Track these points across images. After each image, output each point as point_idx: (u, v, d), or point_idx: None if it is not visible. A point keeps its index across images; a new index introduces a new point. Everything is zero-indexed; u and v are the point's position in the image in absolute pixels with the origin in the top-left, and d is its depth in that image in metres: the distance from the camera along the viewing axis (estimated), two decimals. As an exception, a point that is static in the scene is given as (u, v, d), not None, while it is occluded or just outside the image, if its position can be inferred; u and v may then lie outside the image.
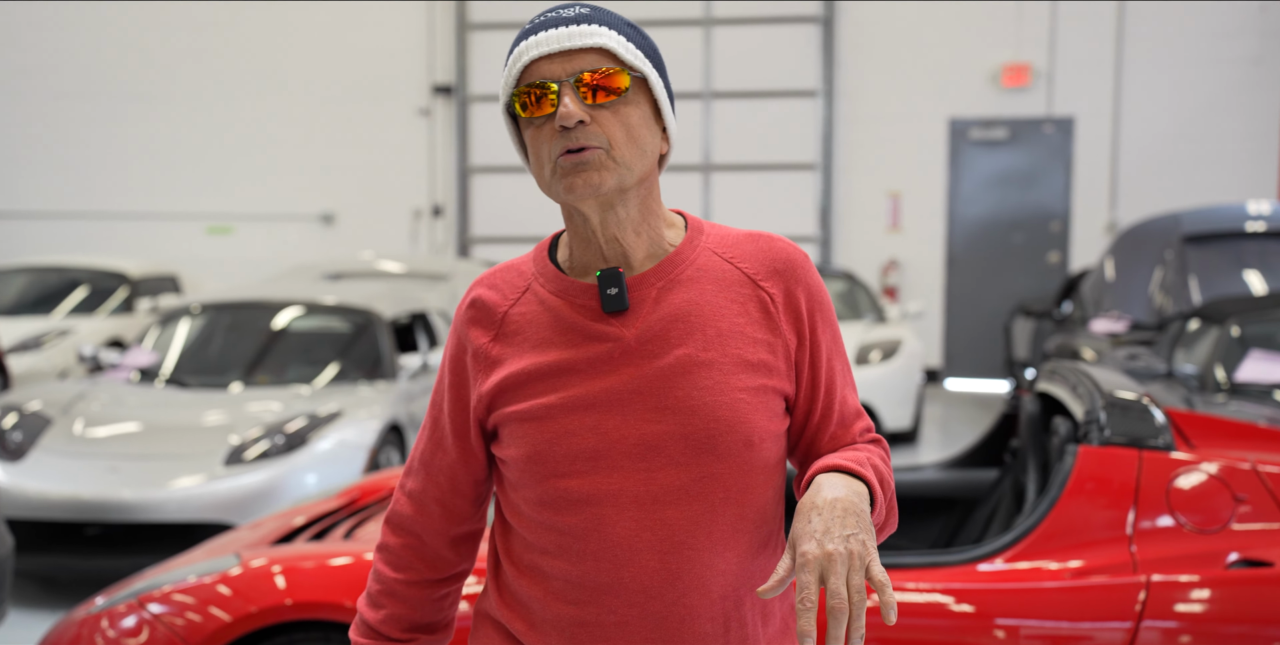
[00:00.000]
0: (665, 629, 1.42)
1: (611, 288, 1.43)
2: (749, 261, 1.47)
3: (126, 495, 4.64)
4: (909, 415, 7.56)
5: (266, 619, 2.82)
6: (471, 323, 1.50)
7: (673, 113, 1.46)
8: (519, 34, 1.43)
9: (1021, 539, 2.76)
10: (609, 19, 1.42)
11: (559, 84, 1.38)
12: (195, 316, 6.23)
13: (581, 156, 1.38)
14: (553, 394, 1.43)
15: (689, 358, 1.41)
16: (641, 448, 1.41)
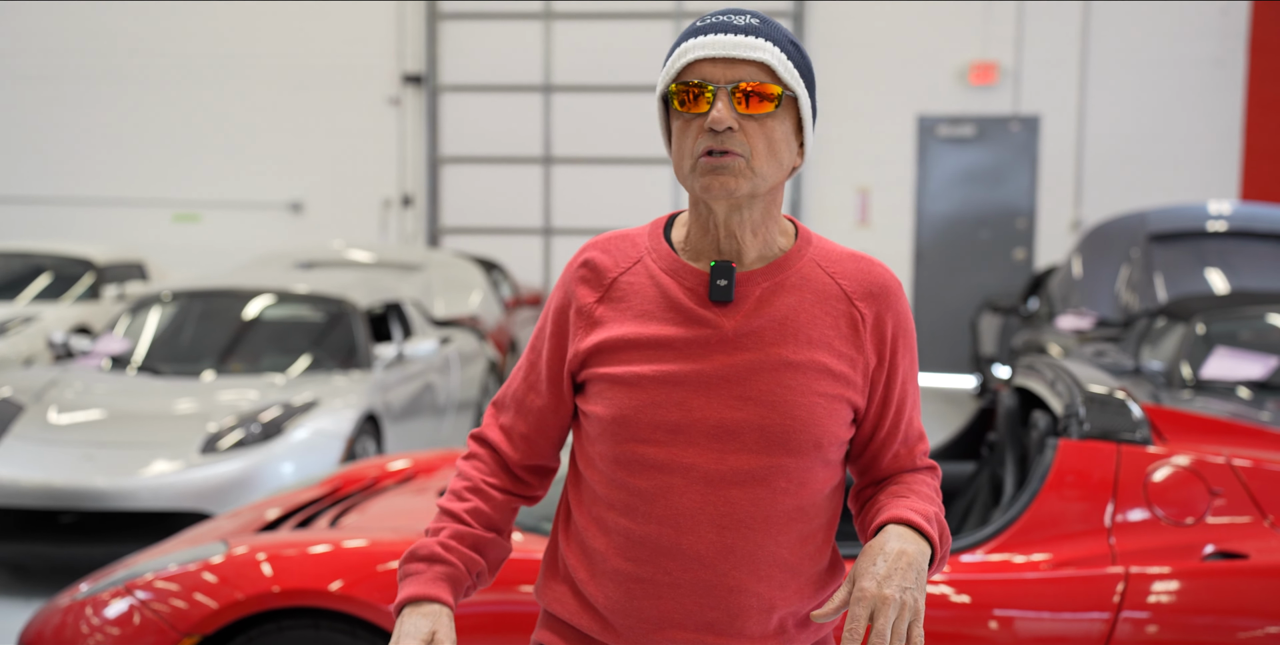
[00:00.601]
0: (713, 596, 1.53)
1: (721, 279, 1.53)
2: (849, 279, 1.57)
3: (101, 483, 4.61)
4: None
5: (254, 606, 2.83)
6: (581, 281, 1.59)
7: (812, 130, 1.55)
8: (689, 29, 1.52)
9: (1003, 531, 2.81)
10: (775, 35, 1.51)
11: (717, 88, 1.47)
12: (167, 304, 6.18)
13: (723, 161, 1.48)
14: (647, 364, 1.53)
15: (779, 357, 1.52)
16: (720, 430, 1.51)
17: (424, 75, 11.25)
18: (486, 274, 8.93)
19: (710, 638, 1.54)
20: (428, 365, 6.34)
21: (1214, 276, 6.85)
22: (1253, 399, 4.98)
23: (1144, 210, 7.53)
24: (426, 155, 11.33)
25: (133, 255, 9.34)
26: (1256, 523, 2.82)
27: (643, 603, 1.54)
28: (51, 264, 8.75)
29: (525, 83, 11.20)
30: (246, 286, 6.30)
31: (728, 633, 1.54)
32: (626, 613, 1.55)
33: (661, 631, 1.55)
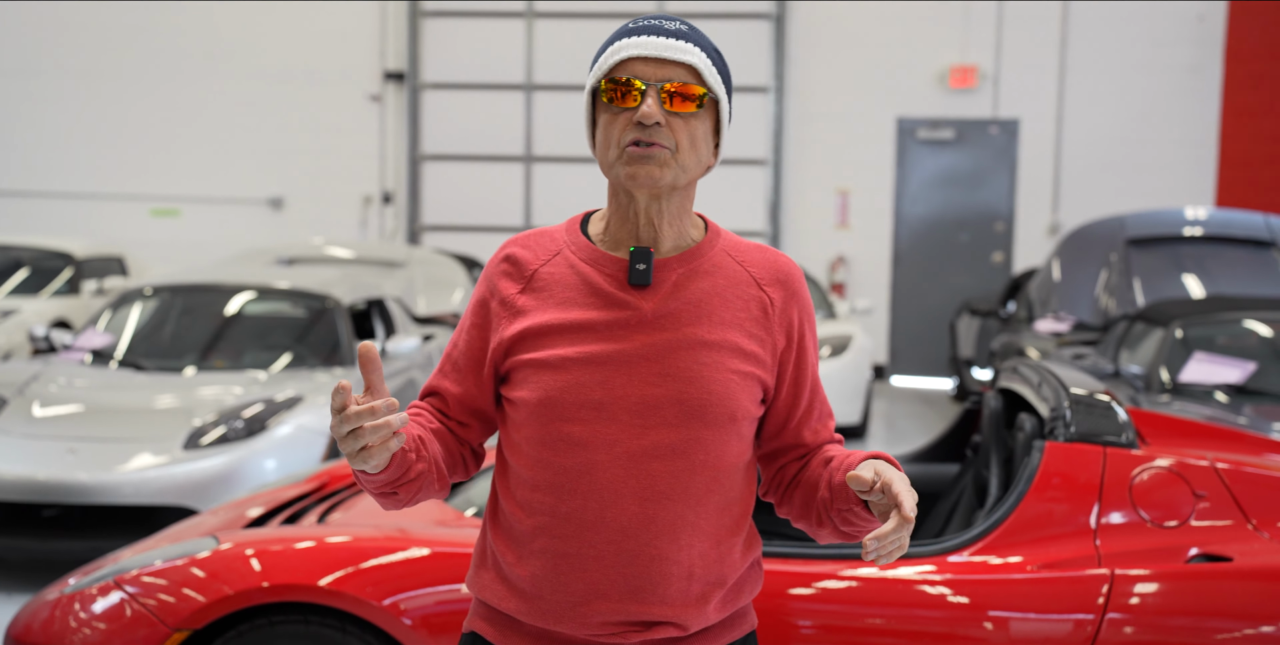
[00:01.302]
0: (636, 565, 1.61)
1: (641, 263, 1.63)
2: (757, 267, 1.69)
3: (83, 477, 4.58)
4: (858, 411, 7.67)
5: (243, 601, 2.82)
6: (503, 275, 1.68)
7: (727, 132, 1.67)
8: (621, 30, 1.64)
9: (989, 532, 2.82)
10: (702, 42, 1.63)
11: (647, 85, 1.58)
12: (148, 299, 6.15)
13: (649, 151, 1.59)
14: (570, 347, 1.61)
15: (695, 336, 1.62)
16: (641, 406, 1.60)
17: (406, 72, 11.22)
18: (468, 271, 8.92)
19: (634, 606, 1.61)
20: (410, 362, 6.34)
21: (1191, 281, 6.93)
22: (1230, 403, 5.04)
23: (1122, 215, 7.61)
24: (407, 152, 11.30)
25: (112, 249, 9.27)
26: (1240, 526, 2.86)
27: (568, 577, 1.61)
28: (30, 258, 8.68)
29: (507, 81, 11.19)
30: (229, 282, 6.27)
31: (650, 600, 1.61)
32: (553, 589, 1.62)
33: (587, 604, 1.61)
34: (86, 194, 11.51)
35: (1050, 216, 10.94)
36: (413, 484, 1.62)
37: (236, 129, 11.37)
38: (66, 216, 11.38)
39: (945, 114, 10.92)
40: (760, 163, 11.08)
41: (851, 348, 7.72)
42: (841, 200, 11.13)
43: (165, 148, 11.42)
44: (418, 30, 11.21)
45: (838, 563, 2.81)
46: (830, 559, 2.82)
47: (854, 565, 2.81)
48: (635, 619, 1.62)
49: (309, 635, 2.85)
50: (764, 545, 2.87)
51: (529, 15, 11.12)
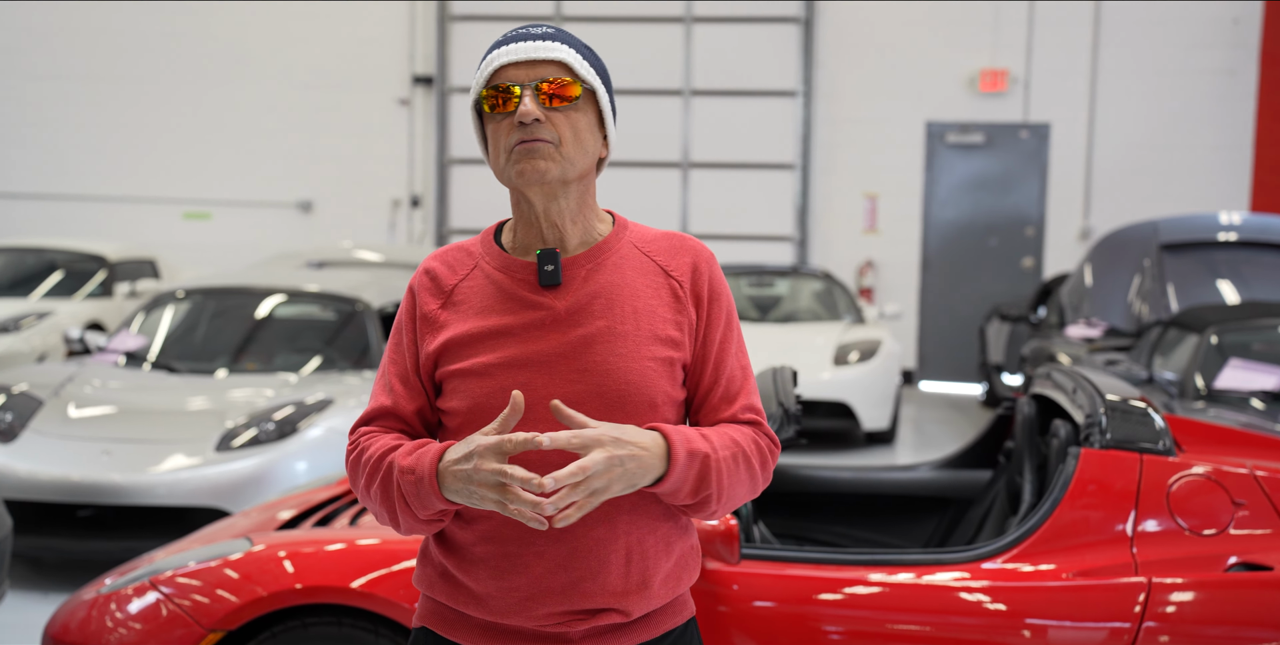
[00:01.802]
0: (576, 558, 1.66)
1: (548, 265, 1.69)
2: (664, 255, 1.74)
3: (117, 478, 4.62)
4: (887, 416, 7.62)
5: (277, 603, 2.83)
6: (423, 290, 1.74)
7: (614, 124, 1.72)
8: (493, 44, 1.70)
9: (1024, 539, 2.79)
10: (570, 40, 1.70)
11: (522, 87, 1.65)
12: (180, 301, 6.19)
13: (533, 146, 1.64)
14: (491, 354, 1.67)
15: (607, 328, 1.67)
16: (564, 403, 1.62)
17: (434, 76, 11.27)
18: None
19: (577, 597, 1.66)
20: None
21: (1225, 287, 6.86)
22: (1266, 410, 4.99)
23: (1156, 220, 7.54)
24: (436, 156, 11.34)
25: (144, 252, 9.35)
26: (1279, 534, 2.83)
27: (511, 577, 1.67)
28: (64, 260, 8.77)
29: (536, 85, 11.20)
30: (259, 285, 6.31)
31: (591, 591, 1.66)
32: (498, 588, 1.67)
33: (532, 600, 1.67)
34: (119, 197, 11.61)
35: (1081, 221, 10.86)
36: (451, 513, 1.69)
37: (266, 133, 11.44)
38: (100, 220, 11.49)
39: (975, 118, 10.87)
40: (788, 167, 11.05)
41: (880, 353, 7.68)
42: (870, 205, 11.09)
43: (197, 151, 11.52)
44: (446, 34, 11.26)
45: (868, 568, 2.80)
46: (860, 565, 2.81)
47: (885, 571, 2.79)
48: (579, 608, 1.67)
49: (341, 637, 2.85)
50: (795, 550, 2.86)
51: (557, 18, 11.14)
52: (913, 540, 3.94)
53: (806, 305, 8.85)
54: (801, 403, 3.28)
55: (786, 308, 8.85)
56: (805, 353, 7.62)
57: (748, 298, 8.93)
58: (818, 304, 8.84)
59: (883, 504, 3.98)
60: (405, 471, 1.61)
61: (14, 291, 8.45)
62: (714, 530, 2.66)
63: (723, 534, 2.66)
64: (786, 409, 3.04)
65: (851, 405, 7.46)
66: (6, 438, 4.84)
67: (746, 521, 3.19)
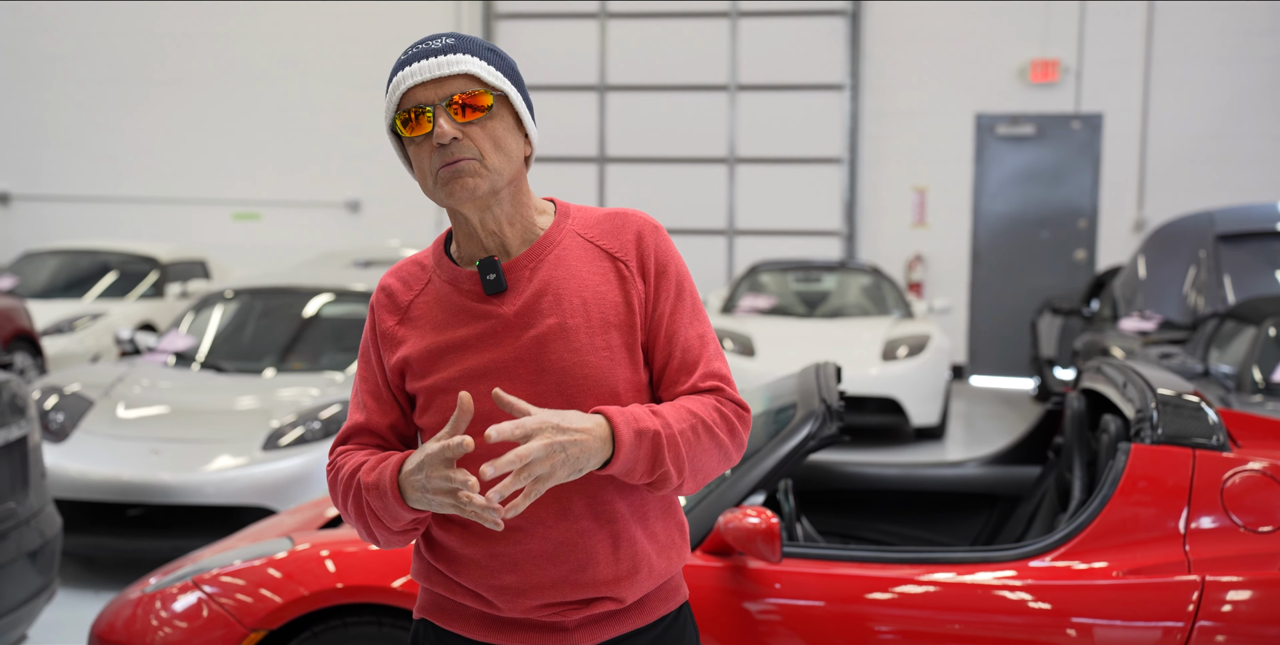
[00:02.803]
0: (563, 551, 1.68)
1: (490, 274, 1.69)
2: (607, 238, 1.73)
3: (167, 477, 4.66)
4: (936, 411, 7.54)
5: (318, 602, 2.84)
6: (381, 308, 1.77)
7: (532, 120, 1.71)
8: (396, 64, 1.67)
9: (1073, 536, 2.75)
10: (472, 47, 1.66)
11: (433, 107, 1.63)
12: (229, 301, 6.25)
13: (457, 166, 1.63)
14: (452, 367, 1.69)
15: (558, 325, 1.67)
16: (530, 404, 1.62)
17: (480, 75, 11.28)
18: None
19: (568, 588, 1.68)
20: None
21: (1283, 278, 6.70)
22: (1326, 404, 4.86)
23: (1211, 210, 7.39)
24: (482, 155, 11.36)
25: (195, 253, 9.47)
26: (1338, 531, 2.74)
27: (503, 575, 1.69)
28: (117, 262, 8.90)
29: (580, 82, 11.21)
30: (306, 285, 6.35)
31: (583, 582, 1.68)
32: (490, 586, 1.70)
33: (525, 594, 1.69)
34: (171, 199, 11.77)
35: (1135, 213, 10.68)
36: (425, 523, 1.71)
37: (315, 133, 11.54)
38: (152, 221, 11.66)
39: (1025, 109, 10.71)
40: (835, 161, 10.97)
41: (929, 348, 7.59)
42: (919, 198, 10.97)
43: (247, 153, 11.64)
44: (491, 33, 11.28)
45: (912, 567, 2.76)
46: (905, 563, 2.77)
47: (929, 569, 2.75)
48: (573, 599, 1.70)
49: (382, 636, 2.86)
50: (837, 549, 2.82)
51: (602, 16, 11.13)
52: (961, 538, 3.90)
53: (854, 300, 8.78)
54: (846, 398, 3.25)
55: (834, 303, 8.78)
56: (853, 348, 7.56)
57: (795, 293, 8.87)
58: (866, 299, 8.77)
59: (930, 501, 3.94)
60: (369, 488, 1.63)
61: (69, 293, 8.59)
62: (754, 529, 2.62)
63: (764, 533, 2.62)
64: (829, 405, 3.02)
65: (900, 401, 7.39)
66: (58, 438, 4.91)
67: (789, 519, 3.16)
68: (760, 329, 7.91)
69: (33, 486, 3.75)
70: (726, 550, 2.74)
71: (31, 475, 3.74)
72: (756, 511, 2.65)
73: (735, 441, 1.71)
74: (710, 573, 2.71)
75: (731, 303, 8.74)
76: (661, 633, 1.77)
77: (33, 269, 8.80)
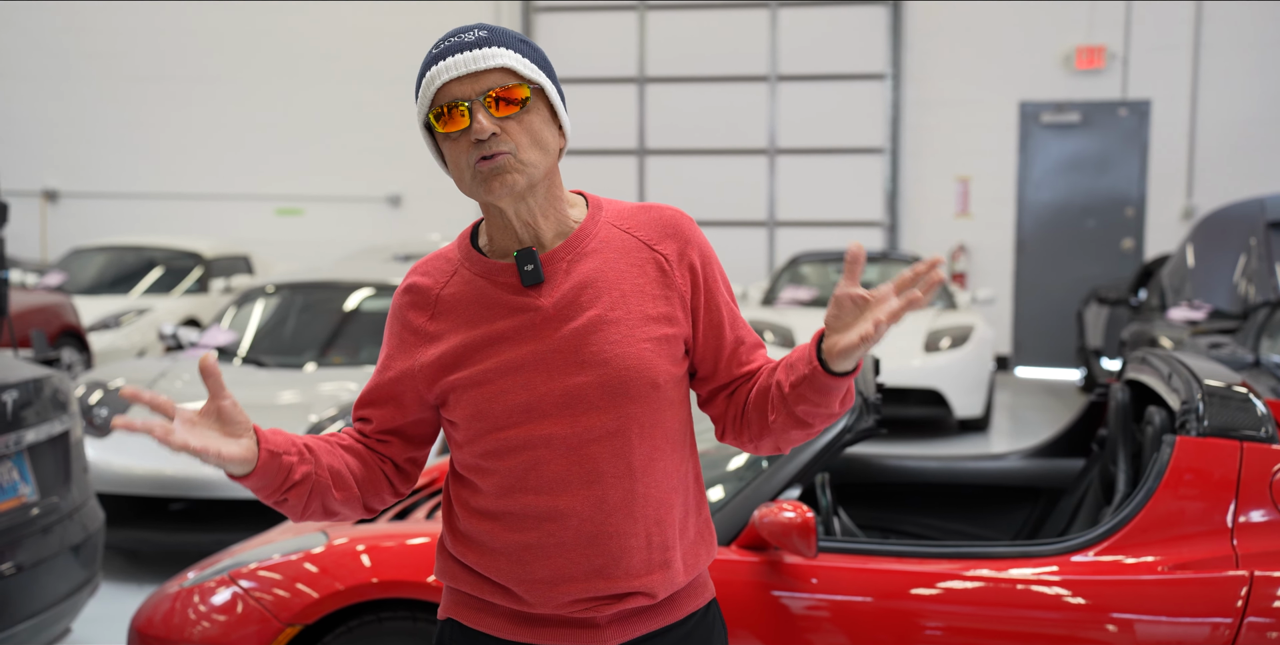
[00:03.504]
0: (596, 545, 1.67)
1: (528, 265, 1.67)
2: (644, 229, 1.72)
3: (209, 472, 4.70)
4: (980, 403, 7.46)
5: (353, 597, 2.84)
6: (409, 306, 1.74)
7: (565, 112, 1.69)
8: (428, 58, 1.65)
9: (1117, 531, 2.69)
10: (506, 39, 1.65)
11: (470, 102, 1.61)
12: (270, 296, 6.29)
13: (495, 162, 1.62)
14: (489, 361, 1.67)
15: (598, 317, 1.65)
16: (566, 397, 1.65)
17: (520, 68, 11.27)
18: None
19: (601, 582, 1.67)
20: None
21: (1337, 266, 6.55)
22: (1382, 394, 4.74)
23: (1263, 197, 7.23)
24: (522, 148, 11.36)
25: (238, 249, 9.56)
26: (1393, 526, 2.66)
27: (534, 567, 1.68)
28: (163, 258, 9.00)
29: (620, 74, 11.18)
30: (347, 279, 6.38)
31: (616, 575, 1.67)
32: (521, 579, 1.69)
33: (556, 587, 1.68)
34: (214, 195, 11.89)
35: (1184, 200, 10.49)
36: (299, 488, 1.66)
37: (356, 129, 11.60)
38: (196, 217, 11.78)
39: (1071, 96, 10.56)
40: (877, 151, 10.87)
41: (972, 339, 7.51)
42: (962, 188, 10.85)
43: (288, 148, 11.72)
44: (530, 25, 11.28)
45: (951, 561, 2.72)
46: (943, 557, 2.73)
47: (968, 564, 2.71)
48: (605, 594, 1.68)
49: (416, 632, 2.85)
50: (874, 543, 2.79)
51: (641, 7, 11.09)
52: (1002, 532, 3.85)
53: (896, 292, 8.68)
54: (884, 390, 3.21)
55: (876, 294, 8.69)
56: (895, 339, 7.49)
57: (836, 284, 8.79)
58: (908, 290, 8.66)
59: (972, 495, 3.89)
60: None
61: (115, 289, 8.70)
62: (790, 523, 2.59)
63: (799, 527, 2.59)
64: (866, 398, 2.98)
65: (943, 392, 7.32)
66: (102, 432, 4.96)
67: (826, 513, 3.13)
68: (801, 321, 7.86)
69: (75, 481, 3.78)
70: (762, 545, 2.72)
71: (74, 470, 3.78)
72: (792, 506, 2.62)
73: None
74: (746, 567, 2.69)
75: (772, 294, 8.68)
76: (691, 629, 1.76)
77: (80, 265, 8.93)
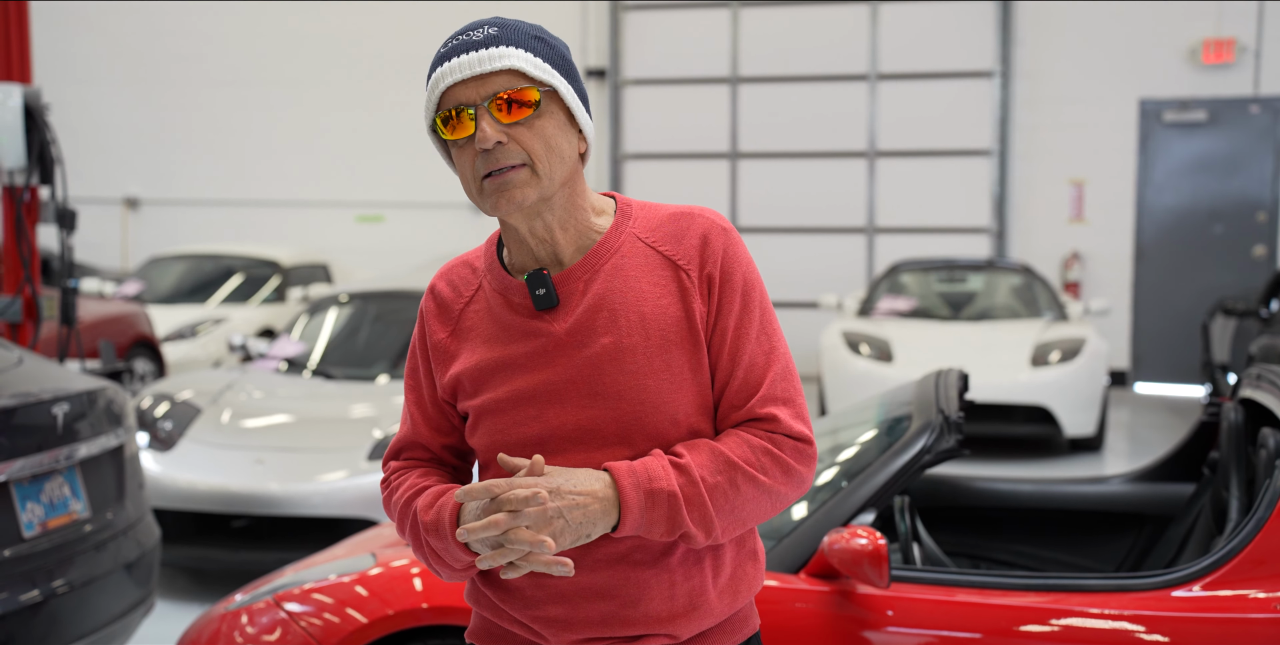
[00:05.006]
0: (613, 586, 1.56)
1: (540, 289, 1.57)
2: (670, 244, 1.58)
3: (274, 488, 4.59)
4: (1093, 421, 7.03)
5: (403, 622, 2.72)
6: (431, 316, 1.67)
7: (587, 113, 1.57)
8: (436, 58, 1.55)
9: (1224, 563, 2.50)
10: (516, 37, 1.53)
11: (475, 108, 1.51)
12: (343, 306, 6.20)
13: (505, 177, 1.51)
14: (500, 388, 1.58)
15: (614, 345, 1.54)
16: (579, 432, 1.55)
17: (607, 69, 11.12)
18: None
19: (618, 626, 1.57)
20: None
21: None
22: None
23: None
24: (609, 152, 11.20)
25: (317, 257, 9.53)
26: None
27: (547, 608, 1.59)
28: (241, 266, 9.00)
29: (711, 75, 10.93)
30: (420, 288, 6.25)
31: (634, 620, 1.56)
32: (534, 618, 1.60)
33: (573, 629, 1.58)
34: (295, 202, 11.93)
35: (1320, 203, 9.83)
36: None
37: (439, 135, 11.53)
38: (276, 224, 11.83)
39: (1196, 93, 9.98)
40: (984, 153, 10.43)
41: (1084, 352, 7.08)
42: (1076, 192, 10.34)
43: (369, 155, 11.72)
44: (619, 25, 11.10)
45: (1035, 594, 2.53)
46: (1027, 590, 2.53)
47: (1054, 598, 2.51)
48: (622, 635, 1.59)
49: (465, 659, 2.67)
50: (950, 573, 2.55)
51: (734, 4, 10.83)
52: (1104, 561, 3.57)
53: (1003, 302, 8.29)
54: (972, 407, 2.96)
55: (981, 304, 8.31)
56: (1001, 352, 7.13)
57: (938, 294, 8.43)
58: (1015, 300, 8.27)
59: (1072, 521, 3.61)
60: (428, 528, 1.56)
61: (193, 298, 8.72)
62: (861, 551, 2.41)
63: (870, 555, 2.40)
64: (947, 416, 2.78)
65: (1052, 409, 6.91)
66: (165, 446, 4.88)
67: (905, 540, 2.91)
68: (899, 332, 7.52)
69: (130, 496, 3.69)
70: (833, 573, 2.55)
71: (129, 485, 3.69)
72: (865, 532, 2.44)
73: (791, 482, 1.57)
74: (816, 597, 2.52)
75: (869, 305, 8.33)
76: None
77: (159, 274, 8.98)
